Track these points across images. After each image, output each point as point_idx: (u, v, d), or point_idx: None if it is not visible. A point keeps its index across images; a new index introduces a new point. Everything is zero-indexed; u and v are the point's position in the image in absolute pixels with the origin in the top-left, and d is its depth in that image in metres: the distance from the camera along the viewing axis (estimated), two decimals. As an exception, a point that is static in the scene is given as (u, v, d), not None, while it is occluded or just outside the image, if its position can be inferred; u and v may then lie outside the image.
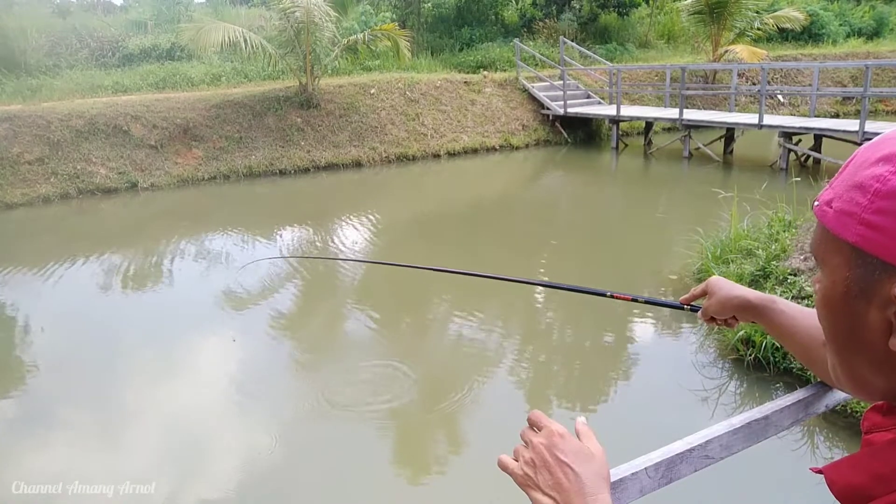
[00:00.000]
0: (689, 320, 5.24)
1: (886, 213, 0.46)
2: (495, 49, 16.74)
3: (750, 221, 5.91)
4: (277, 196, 10.86)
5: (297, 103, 12.71)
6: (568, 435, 0.70)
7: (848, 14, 21.82)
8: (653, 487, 0.84)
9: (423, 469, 3.70)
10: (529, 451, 0.70)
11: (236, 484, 3.51)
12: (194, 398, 4.41)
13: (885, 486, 0.49)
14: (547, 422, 0.72)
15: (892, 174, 0.46)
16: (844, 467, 0.54)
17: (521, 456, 0.71)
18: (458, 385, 4.40)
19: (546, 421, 0.72)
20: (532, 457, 0.69)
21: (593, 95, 15.09)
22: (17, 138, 10.46)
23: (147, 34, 16.46)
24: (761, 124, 11.13)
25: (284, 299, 6.19)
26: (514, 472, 0.70)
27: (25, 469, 3.66)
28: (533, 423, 0.73)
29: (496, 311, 5.80)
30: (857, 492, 0.51)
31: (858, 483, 0.51)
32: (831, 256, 0.52)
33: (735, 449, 0.92)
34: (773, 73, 16.46)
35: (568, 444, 0.68)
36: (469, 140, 13.46)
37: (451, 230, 8.58)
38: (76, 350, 5.23)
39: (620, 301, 1.16)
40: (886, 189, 0.46)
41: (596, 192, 11.04)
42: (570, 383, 4.65)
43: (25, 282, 6.83)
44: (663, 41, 19.85)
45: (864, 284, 0.49)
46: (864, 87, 10.16)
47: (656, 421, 3.94)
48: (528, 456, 0.69)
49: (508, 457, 0.72)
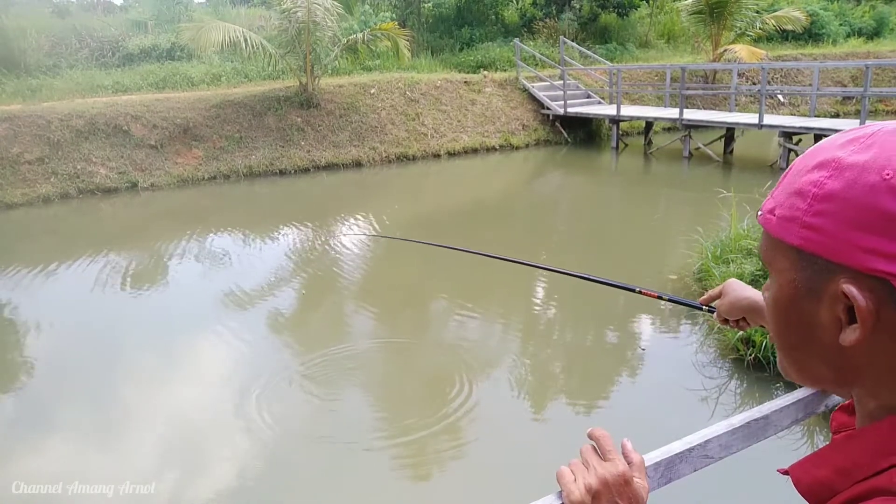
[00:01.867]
0: (689, 320, 5.25)
1: (825, 215, 0.49)
2: (495, 49, 16.74)
3: (750, 221, 5.91)
4: (277, 196, 10.86)
5: (297, 103, 12.71)
6: (631, 482, 0.70)
7: (848, 14, 21.81)
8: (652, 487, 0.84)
9: (420, 473, 3.70)
10: (593, 479, 0.69)
11: (237, 484, 3.51)
12: (195, 398, 4.41)
13: (847, 479, 0.51)
14: (615, 454, 0.72)
15: (828, 178, 0.50)
16: (808, 464, 0.56)
17: (579, 476, 0.70)
18: (459, 384, 4.40)
19: (614, 453, 0.72)
20: (597, 488, 0.68)
21: (593, 95, 15.08)
22: (17, 138, 10.46)
23: (147, 34, 16.45)
24: (761, 124, 11.13)
25: (284, 298, 6.19)
26: (571, 492, 0.69)
27: (25, 469, 3.66)
28: (599, 446, 0.74)
29: (496, 310, 5.80)
30: (823, 486, 0.53)
31: (822, 478, 0.53)
32: (779, 261, 0.55)
33: (734, 449, 0.92)
34: (773, 73, 16.46)
35: (635, 493, 0.69)
36: (469, 140, 13.46)
37: (451, 230, 8.58)
38: (77, 350, 5.23)
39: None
40: (823, 193, 0.50)
41: (596, 191, 11.04)
42: (570, 382, 4.65)
43: (26, 282, 6.83)
44: (663, 41, 19.84)
45: (812, 284, 0.52)
46: (864, 87, 10.16)
47: (656, 420, 3.94)
48: (591, 483, 0.69)
49: (568, 472, 0.71)
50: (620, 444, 0.76)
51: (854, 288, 0.48)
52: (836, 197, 0.49)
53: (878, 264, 0.46)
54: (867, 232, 0.47)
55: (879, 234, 0.46)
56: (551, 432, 3.94)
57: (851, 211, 0.48)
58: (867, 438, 0.52)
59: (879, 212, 0.46)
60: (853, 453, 0.52)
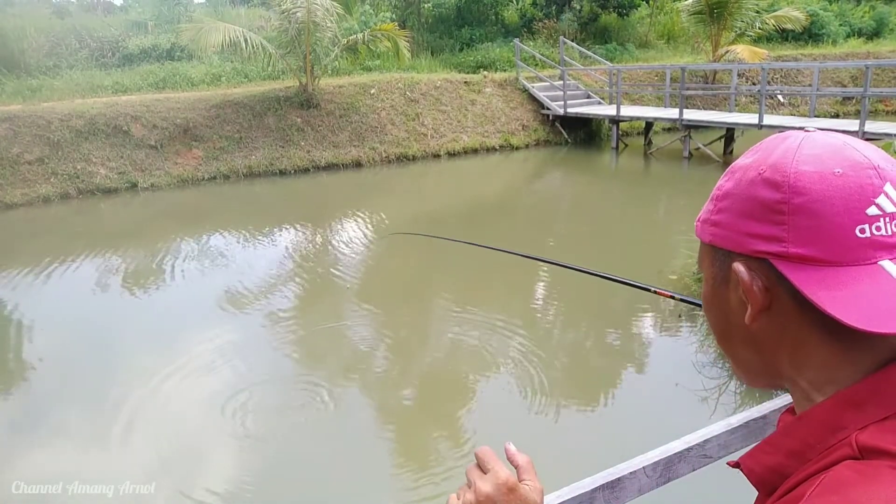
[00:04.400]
0: (689, 320, 5.25)
1: (722, 211, 0.57)
2: (495, 49, 16.74)
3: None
4: (277, 196, 10.86)
5: (297, 103, 12.71)
6: (517, 488, 0.65)
7: (848, 14, 21.81)
8: (651, 487, 0.84)
9: (408, 465, 3.70)
10: (472, 496, 0.65)
11: (238, 483, 3.51)
12: (195, 398, 4.41)
13: (798, 460, 0.53)
14: (494, 464, 0.67)
15: (726, 181, 0.58)
16: (758, 453, 0.58)
17: (463, 498, 0.66)
18: (458, 382, 4.40)
19: (494, 463, 0.67)
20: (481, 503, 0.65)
21: (593, 95, 15.08)
22: (17, 138, 10.46)
23: (147, 34, 16.46)
24: (761, 124, 11.12)
25: (283, 298, 6.19)
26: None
27: (25, 469, 3.66)
28: (480, 462, 0.68)
29: (496, 309, 5.80)
30: (773, 472, 0.55)
31: (774, 463, 0.55)
32: (703, 261, 0.61)
33: (733, 448, 0.92)
34: (773, 73, 16.46)
35: (522, 497, 0.65)
36: (469, 140, 13.46)
37: (450, 230, 8.58)
38: (77, 350, 5.23)
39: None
40: (722, 193, 0.58)
41: (596, 192, 11.04)
42: (570, 382, 4.65)
43: (26, 282, 6.83)
44: (663, 41, 19.84)
45: (722, 274, 0.58)
46: (864, 87, 10.16)
47: (655, 420, 3.94)
48: (471, 500, 0.65)
49: (454, 497, 0.67)
50: (504, 451, 0.71)
51: (742, 266, 0.54)
52: (730, 194, 0.56)
53: (760, 246, 0.53)
54: (751, 219, 0.54)
55: (760, 219, 0.53)
56: (551, 432, 3.93)
57: (739, 203, 0.55)
58: (814, 418, 0.53)
59: (758, 201, 0.53)
60: (802, 434, 0.53)
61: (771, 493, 0.55)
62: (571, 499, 0.82)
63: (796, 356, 0.55)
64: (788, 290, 0.52)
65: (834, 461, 0.50)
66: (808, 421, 0.54)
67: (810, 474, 0.51)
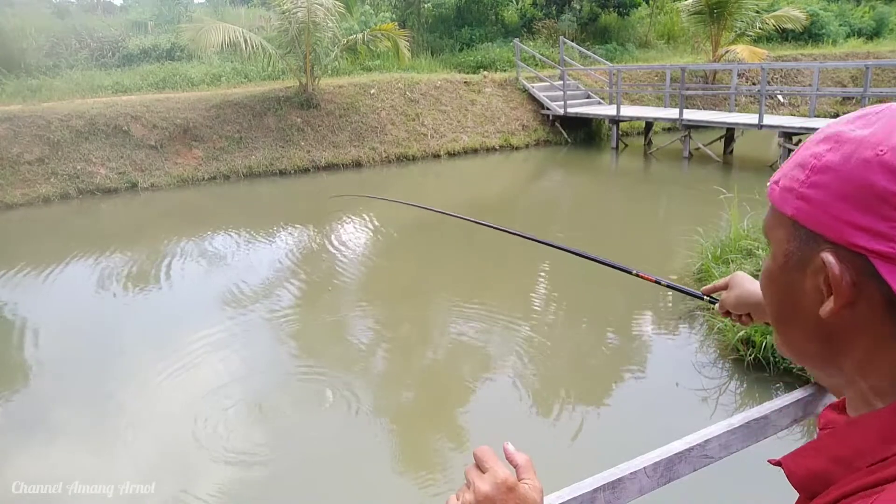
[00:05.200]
0: (689, 320, 5.25)
1: (818, 187, 0.50)
2: (495, 49, 16.75)
3: (750, 221, 5.91)
4: (277, 196, 10.86)
5: (297, 103, 12.71)
6: (516, 487, 0.64)
7: (848, 14, 21.82)
8: (652, 487, 0.84)
9: (409, 469, 3.70)
10: (471, 496, 0.64)
11: (238, 483, 3.51)
12: (196, 398, 4.41)
13: (845, 468, 0.49)
14: (493, 464, 0.65)
15: (828, 151, 0.50)
16: (803, 455, 0.54)
17: (462, 498, 0.65)
18: (457, 382, 4.40)
19: (492, 462, 0.65)
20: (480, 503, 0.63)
21: (593, 95, 15.09)
22: (17, 138, 10.46)
23: (147, 34, 16.46)
24: (761, 124, 11.13)
25: (283, 297, 6.19)
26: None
27: (25, 469, 3.66)
28: (479, 462, 0.67)
29: (496, 308, 5.80)
30: (818, 477, 0.52)
31: (818, 468, 0.52)
32: (776, 232, 0.55)
33: (734, 448, 0.92)
34: (773, 73, 16.46)
35: (521, 496, 0.63)
36: (469, 140, 13.46)
37: (450, 230, 8.57)
38: (77, 350, 5.23)
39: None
40: (821, 165, 0.50)
41: (596, 192, 11.04)
42: (570, 382, 4.64)
43: (26, 282, 6.83)
44: (663, 41, 19.85)
45: (800, 255, 0.52)
46: (864, 87, 10.17)
47: (656, 420, 3.94)
48: (470, 500, 0.64)
49: (454, 498, 0.66)
50: (503, 450, 0.70)
51: (832, 257, 0.48)
52: (832, 169, 0.49)
53: (861, 240, 0.47)
54: (855, 207, 0.47)
55: (865, 210, 0.46)
56: (551, 433, 3.93)
57: (843, 184, 0.48)
58: (870, 425, 0.50)
59: (869, 188, 0.46)
60: (855, 441, 0.50)
61: (812, 498, 0.52)
62: (572, 499, 0.82)
63: (867, 358, 0.50)
64: (882, 292, 0.47)
65: (888, 477, 0.46)
66: (863, 427, 0.50)
67: (861, 487, 0.47)
